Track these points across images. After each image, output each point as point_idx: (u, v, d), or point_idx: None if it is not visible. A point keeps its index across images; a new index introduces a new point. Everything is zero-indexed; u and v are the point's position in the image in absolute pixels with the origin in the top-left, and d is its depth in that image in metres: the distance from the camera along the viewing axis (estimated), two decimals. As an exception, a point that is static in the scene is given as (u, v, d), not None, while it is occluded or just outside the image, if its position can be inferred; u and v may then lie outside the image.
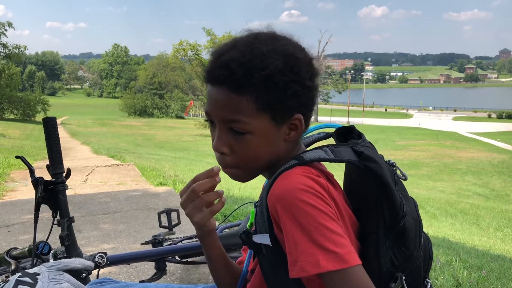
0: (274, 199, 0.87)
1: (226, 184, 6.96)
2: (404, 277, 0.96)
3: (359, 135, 1.03)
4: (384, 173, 0.95)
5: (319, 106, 63.53)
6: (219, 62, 0.92)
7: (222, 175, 1.01)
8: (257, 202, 1.13)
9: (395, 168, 1.04)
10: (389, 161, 1.05)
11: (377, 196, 0.95)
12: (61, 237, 1.38)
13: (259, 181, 1.18)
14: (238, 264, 1.22)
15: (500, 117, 62.16)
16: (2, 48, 41.15)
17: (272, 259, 0.93)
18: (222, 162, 0.99)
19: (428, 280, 1.07)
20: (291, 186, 0.86)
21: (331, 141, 1.06)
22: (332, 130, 1.10)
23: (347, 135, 1.05)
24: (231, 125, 0.93)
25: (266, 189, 0.92)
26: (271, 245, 0.92)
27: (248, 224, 1.17)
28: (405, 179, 1.05)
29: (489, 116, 64.56)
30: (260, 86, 0.90)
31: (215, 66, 0.93)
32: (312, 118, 1.04)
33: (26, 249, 1.51)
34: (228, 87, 0.90)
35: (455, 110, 77.14)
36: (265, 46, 0.92)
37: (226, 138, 0.95)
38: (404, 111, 74.84)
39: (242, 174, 1.00)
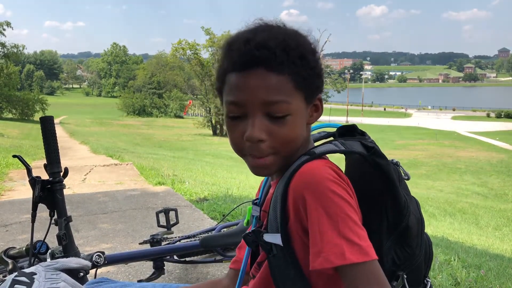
0: (301, 188, 0.86)
1: (225, 183, 6.96)
2: (405, 276, 0.96)
3: (362, 134, 1.03)
4: (391, 171, 0.95)
5: (318, 105, 63.33)
6: (255, 43, 0.89)
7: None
8: (255, 200, 1.12)
9: (398, 167, 1.04)
10: (392, 160, 1.04)
11: (382, 194, 0.94)
12: (58, 237, 1.37)
13: (257, 180, 1.18)
14: (234, 264, 1.21)
15: (499, 116, 62.18)
16: (1, 48, 41.14)
17: (282, 259, 0.92)
18: (256, 151, 0.92)
19: (428, 279, 1.07)
20: (320, 176, 0.86)
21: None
22: (332, 129, 1.10)
23: (349, 134, 1.04)
24: (272, 107, 0.89)
25: (284, 183, 0.90)
26: (282, 245, 0.91)
27: (245, 222, 1.16)
28: (408, 179, 1.05)
29: (488, 116, 64.62)
30: (296, 63, 0.90)
31: (250, 48, 0.88)
32: None
33: (24, 248, 1.51)
34: (266, 67, 0.88)
35: (454, 110, 77.21)
36: (288, 29, 0.95)
37: (262, 123, 0.90)
38: (403, 110, 74.83)
39: (276, 161, 0.94)
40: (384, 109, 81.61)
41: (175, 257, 2.29)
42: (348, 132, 1.04)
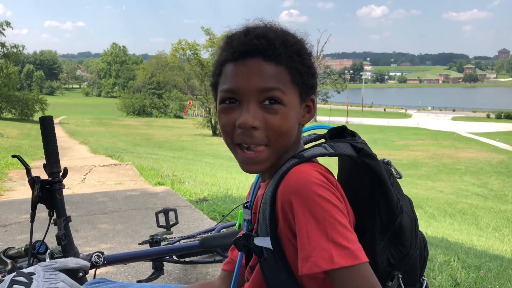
0: (288, 192, 0.86)
1: (225, 183, 6.96)
2: (400, 276, 0.96)
3: (352, 135, 1.03)
4: (382, 170, 0.95)
5: (318, 106, 63.39)
6: (255, 34, 0.92)
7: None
8: (245, 203, 1.12)
9: (390, 166, 1.04)
10: (383, 159, 1.04)
11: (373, 194, 0.94)
12: (57, 237, 1.37)
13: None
14: (227, 265, 1.21)
15: (498, 117, 62.17)
16: (0, 47, 41.07)
17: (273, 262, 0.92)
18: (249, 138, 0.91)
19: (424, 278, 1.07)
20: (307, 180, 0.86)
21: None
22: (322, 131, 1.10)
23: (339, 135, 1.04)
24: (269, 94, 0.90)
25: (272, 187, 0.91)
26: (272, 248, 0.91)
27: (236, 225, 1.16)
28: (400, 178, 1.05)
29: (488, 116, 64.59)
30: (294, 58, 0.92)
31: (250, 38, 0.91)
32: None
33: (23, 248, 1.50)
34: (264, 57, 0.90)
35: (454, 110, 77.17)
36: (287, 29, 0.98)
37: (256, 111, 0.91)
38: (403, 111, 74.79)
39: (269, 156, 0.94)
40: (384, 109, 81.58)
41: (175, 258, 2.29)
42: (339, 133, 1.04)
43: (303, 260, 0.83)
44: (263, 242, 0.93)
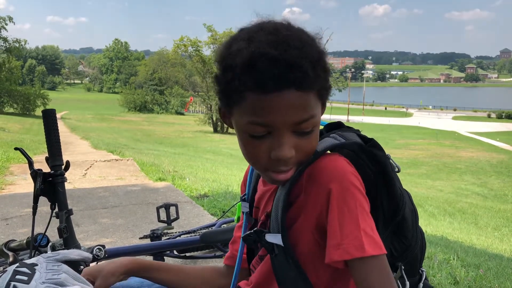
0: (328, 180, 0.86)
1: (226, 180, 6.96)
2: (403, 267, 0.98)
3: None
4: (388, 163, 0.96)
5: (319, 104, 63.29)
6: (285, 63, 0.81)
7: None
8: (243, 195, 1.13)
9: (389, 160, 1.04)
10: None
11: (376, 187, 0.94)
12: (59, 230, 1.37)
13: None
14: (228, 260, 1.21)
15: (499, 117, 62.13)
16: (3, 42, 41.04)
17: (283, 259, 0.93)
18: (284, 166, 0.90)
19: (423, 269, 1.09)
20: (344, 170, 0.87)
21: None
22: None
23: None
24: (302, 125, 0.87)
25: (289, 183, 0.91)
26: (283, 245, 0.92)
27: (235, 218, 1.16)
28: (398, 171, 1.05)
29: (489, 116, 64.53)
30: (321, 77, 0.87)
31: (283, 70, 0.81)
32: None
33: (24, 241, 1.50)
34: (297, 87, 0.83)
35: (455, 110, 77.10)
36: (305, 35, 0.88)
37: (291, 141, 0.88)
38: (404, 110, 74.81)
39: (296, 169, 0.92)
40: (385, 108, 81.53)
41: (175, 252, 2.30)
42: (335, 129, 1.04)
43: (333, 247, 0.84)
44: (274, 238, 0.93)
